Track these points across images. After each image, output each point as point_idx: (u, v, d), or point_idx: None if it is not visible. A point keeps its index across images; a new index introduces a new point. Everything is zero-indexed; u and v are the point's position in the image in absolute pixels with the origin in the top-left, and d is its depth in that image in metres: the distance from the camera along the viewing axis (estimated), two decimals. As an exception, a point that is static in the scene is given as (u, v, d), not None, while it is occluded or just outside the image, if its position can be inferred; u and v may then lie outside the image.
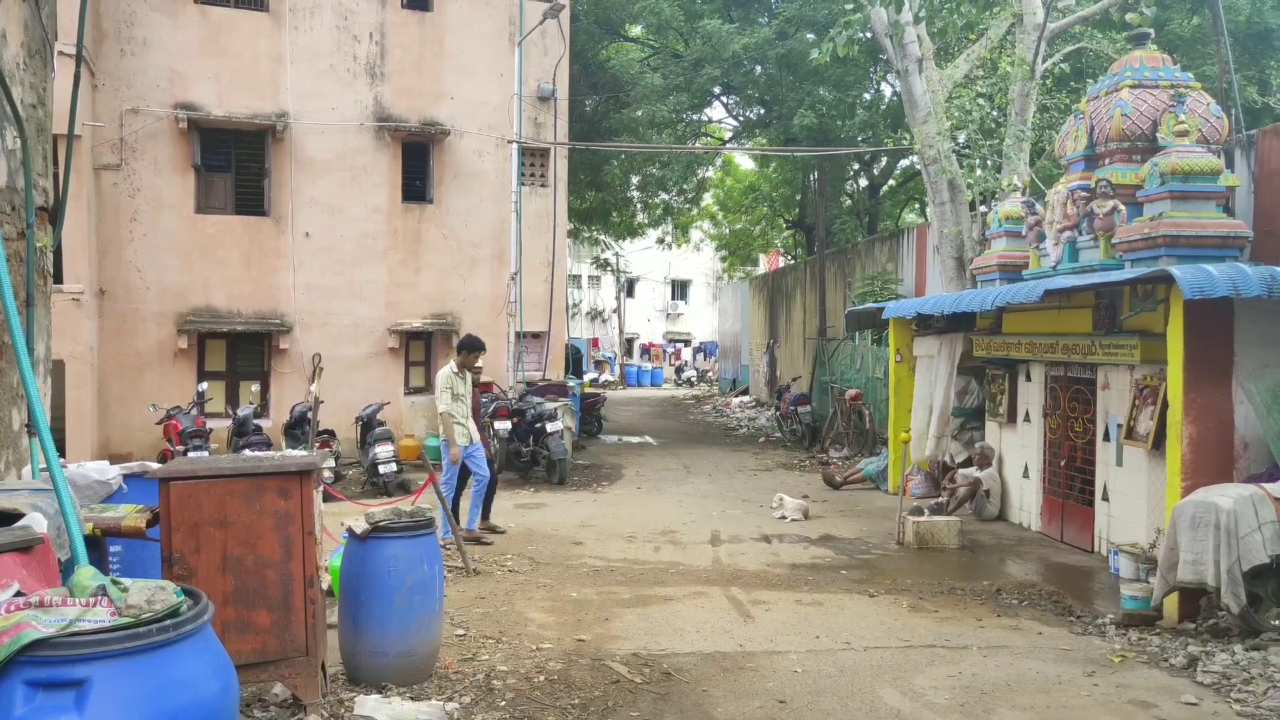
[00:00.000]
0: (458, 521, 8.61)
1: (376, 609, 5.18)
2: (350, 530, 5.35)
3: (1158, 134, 8.49)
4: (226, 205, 14.43)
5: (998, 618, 6.92)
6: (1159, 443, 7.70)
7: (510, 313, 15.51)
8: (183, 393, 13.48)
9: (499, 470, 12.97)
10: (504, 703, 5.06)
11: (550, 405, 13.33)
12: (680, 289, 50.82)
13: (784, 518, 10.60)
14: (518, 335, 15.62)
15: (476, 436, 9.11)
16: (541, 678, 5.46)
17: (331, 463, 12.04)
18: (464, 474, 9.20)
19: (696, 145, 23.44)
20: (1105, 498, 8.71)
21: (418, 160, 15.24)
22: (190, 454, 10.49)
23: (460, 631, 6.28)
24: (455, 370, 8.88)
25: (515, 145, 15.44)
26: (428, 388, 15.43)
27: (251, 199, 14.52)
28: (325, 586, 5.77)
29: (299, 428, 12.31)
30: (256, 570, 4.55)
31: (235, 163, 14.47)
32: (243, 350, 14.60)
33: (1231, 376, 6.95)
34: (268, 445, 11.50)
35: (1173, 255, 7.71)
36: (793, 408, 18.08)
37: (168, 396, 13.21)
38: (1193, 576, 6.15)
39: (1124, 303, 8.47)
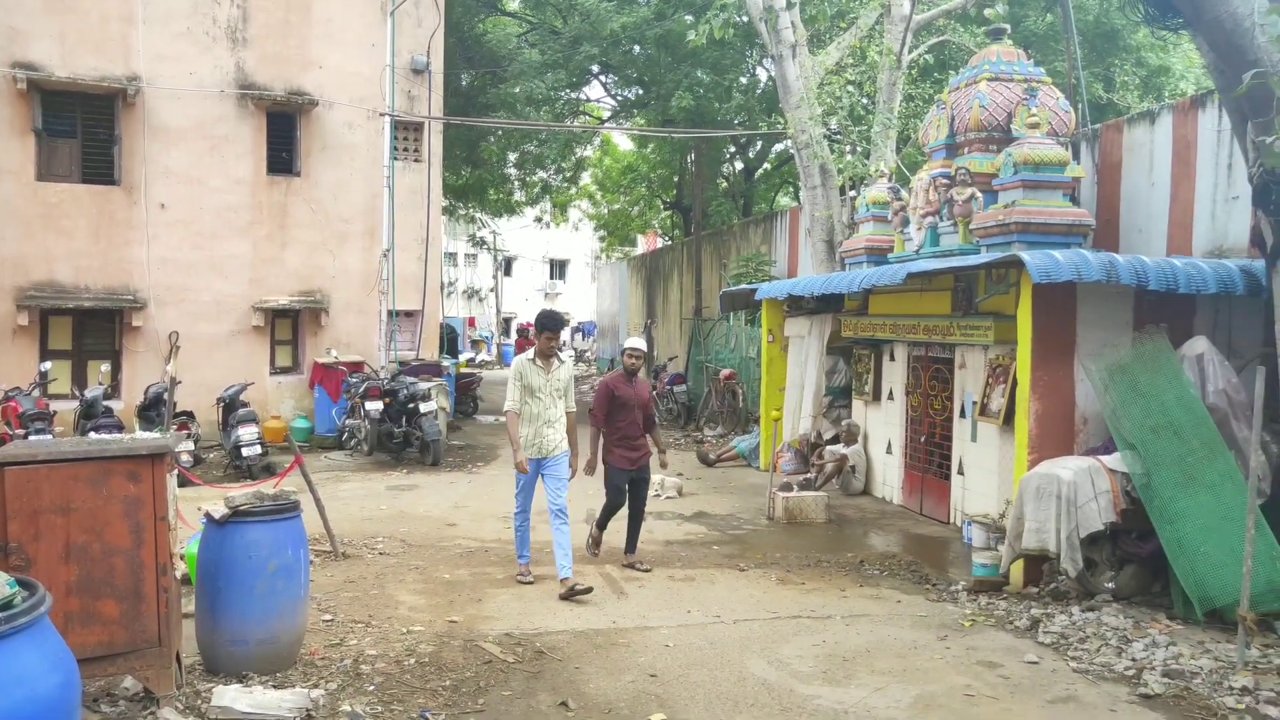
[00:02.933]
0: (522, 556, 7.26)
1: (236, 596, 4.99)
2: (208, 515, 5.13)
3: (1012, 125, 8.92)
4: (72, 173, 13.52)
5: (860, 588, 7.20)
6: (1009, 419, 8.13)
7: (382, 290, 15.11)
8: (23, 373, 12.60)
9: (369, 452, 12.71)
10: (372, 687, 4.96)
11: (424, 385, 13.08)
12: (559, 268, 50.62)
13: (659, 495, 10.72)
14: (390, 314, 15.24)
15: (557, 445, 7.07)
16: (412, 660, 5.38)
17: (190, 445, 11.50)
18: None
19: (574, 124, 23.31)
20: (961, 472, 9.15)
21: (284, 131, 14.62)
22: (31, 437, 9.83)
23: (328, 617, 6.12)
24: (531, 358, 7.13)
25: (387, 118, 15.01)
26: (295, 367, 14.92)
27: (100, 167, 13.64)
28: (181, 574, 5.53)
29: (154, 409, 11.69)
30: (104, 559, 4.32)
31: (82, 128, 13.55)
32: (91, 328, 13.74)
33: (1074, 356, 7.39)
34: (119, 428, 10.87)
35: (1024, 241, 8.13)
36: (669, 387, 18.29)
37: (6, 376, 12.32)
38: (1036, 544, 6.54)
39: (980, 286, 8.89)
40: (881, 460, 10.75)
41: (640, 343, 7.81)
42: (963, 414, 9.16)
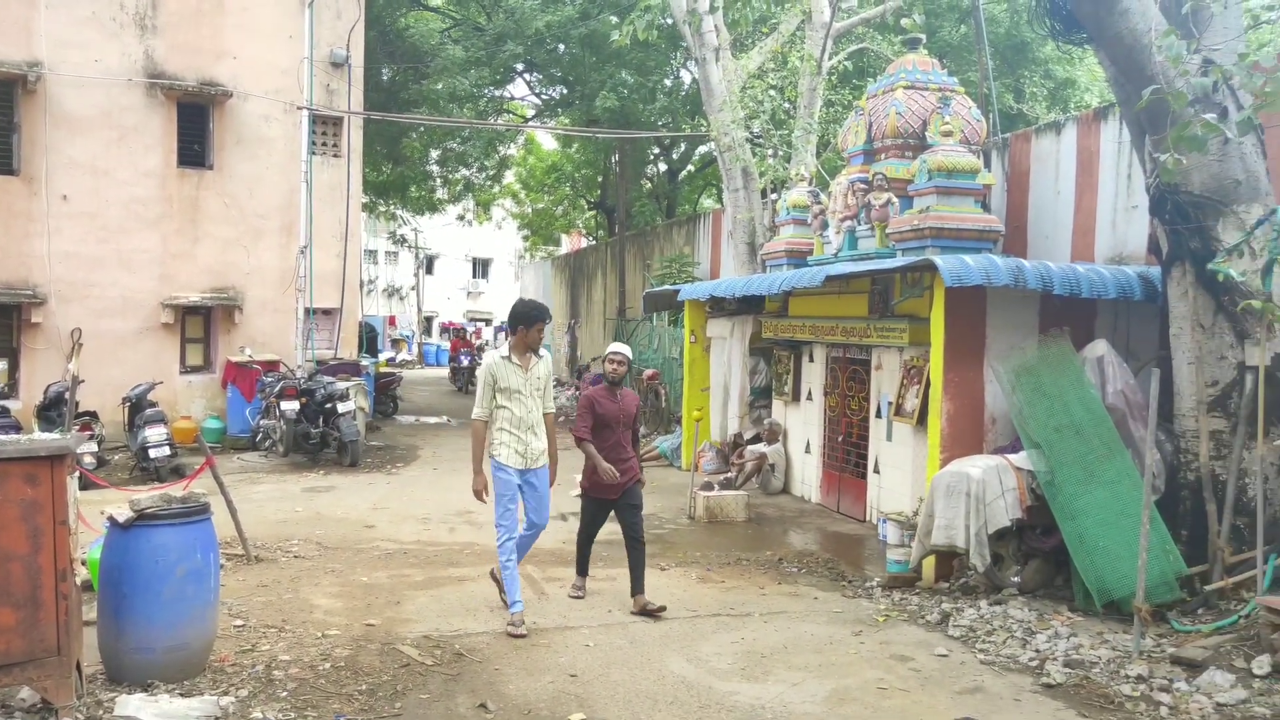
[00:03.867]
0: (501, 588, 6.25)
1: (142, 602, 4.83)
2: (112, 519, 4.95)
3: (927, 133, 9.16)
4: (-34, 161, 12.91)
5: (779, 585, 7.31)
6: (923, 419, 8.35)
7: (299, 288, 14.76)
8: (-88, 371, 11.98)
9: (285, 453, 12.41)
10: (285, 693, 4.85)
11: (342, 385, 12.83)
12: (482, 267, 50.17)
13: (578, 495, 10.70)
14: (307, 312, 14.90)
15: (542, 452, 6.17)
16: (327, 665, 5.28)
17: (93, 447, 11.08)
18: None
19: (498, 122, 23.13)
20: (876, 470, 9.37)
21: (196, 123, 14.18)
22: (-79, 439, 9.34)
23: (239, 622, 5.96)
24: (505, 355, 6.09)
25: (305, 112, 14.67)
26: (207, 366, 14.49)
27: (-2, 156, 13.06)
28: (83, 580, 5.32)
29: (54, 409, 11.22)
30: (-2, 565, 4.13)
31: (-23, 114, 12.96)
32: (-13, 324, 13.14)
33: (984, 358, 7.63)
34: (17, 429, 10.42)
35: (937, 246, 8.36)
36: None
37: (-107, 375, 11.70)
38: (944, 540, 6.73)
39: (896, 289, 9.11)
40: (800, 459, 10.94)
41: (625, 348, 6.72)
42: (878, 414, 9.38)
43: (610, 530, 9.04)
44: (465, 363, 25.34)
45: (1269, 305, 5.84)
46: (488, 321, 43.58)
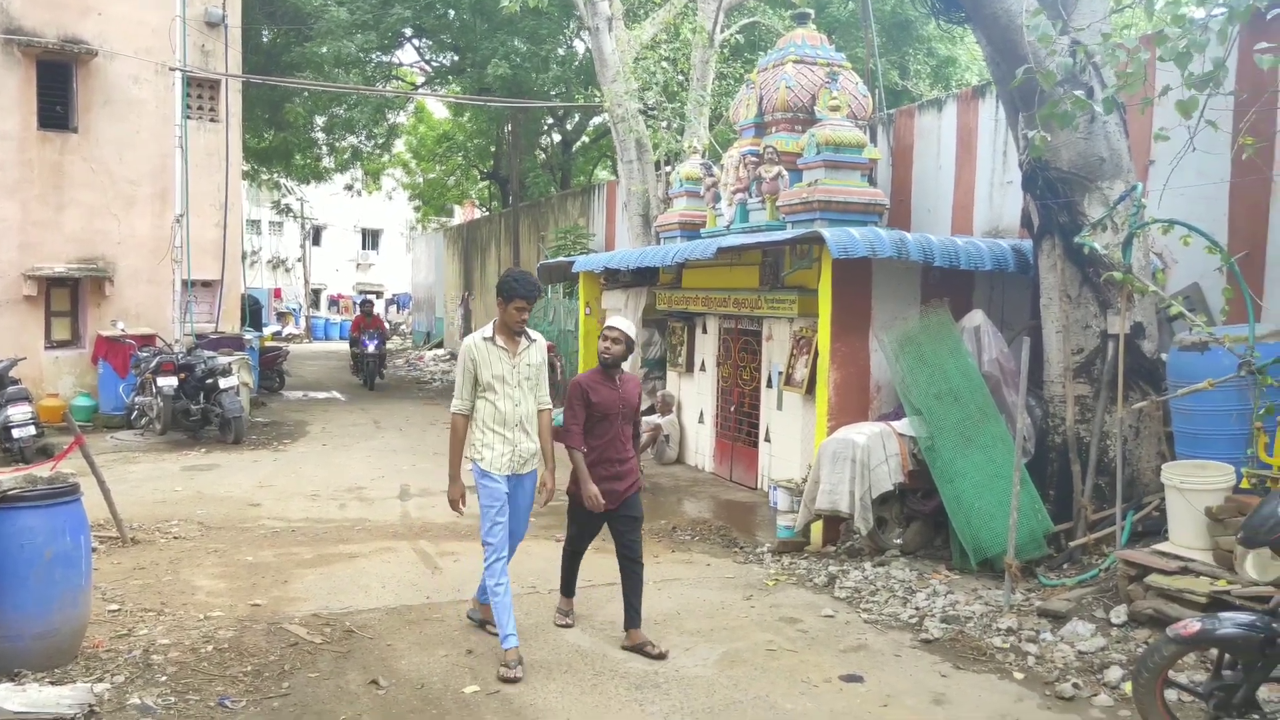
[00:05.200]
0: (507, 637, 4.98)
1: (8, 588, 4.59)
2: (-31, 502, 4.66)
3: (815, 107, 9.31)
4: None
5: (672, 553, 7.42)
6: (811, 388, 8.55)
7: (175, 258, 14.11)
8: None
9: (163, 431, 11.92)
10: (165, 677, 4.69)
11: (223, 360, 12.37)
12: (371, 238, 48.93)
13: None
14: (185, 284, 14.26)
15: (533, 455, 5.19)
16: (210, 648, 5.12)
17: (-50, 428, 10.39)
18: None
19: (386, 88, 22.49)
20: (768, 439, 9.57)
21: (59, 83, 13.32)
22: None
23: (114, 607, 5.72)
24: (489, 336, 5.10)
25: (179, 73, 13.95)
26: (76, 341, 13.73)
27: None
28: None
29: (-94, 388, 10.48)
30: None
31: None
32: None
33: (869, 328, 7.86)
34: None
35: (825, 219, 8.53)
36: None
37: None
38: (828, 504, 6.95)
39: (786, 261, 9.28)
40: (694, 429, 11.09)
41: (625, 322, 5.42)
42: (769, 384, 9.57)
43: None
44: (372, 348, 18.79)
45: (1129, 277, 6.18)
46: (378, 294, 42.54)
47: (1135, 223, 6.40)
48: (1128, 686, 4.57)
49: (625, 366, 5.55)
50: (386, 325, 23.98)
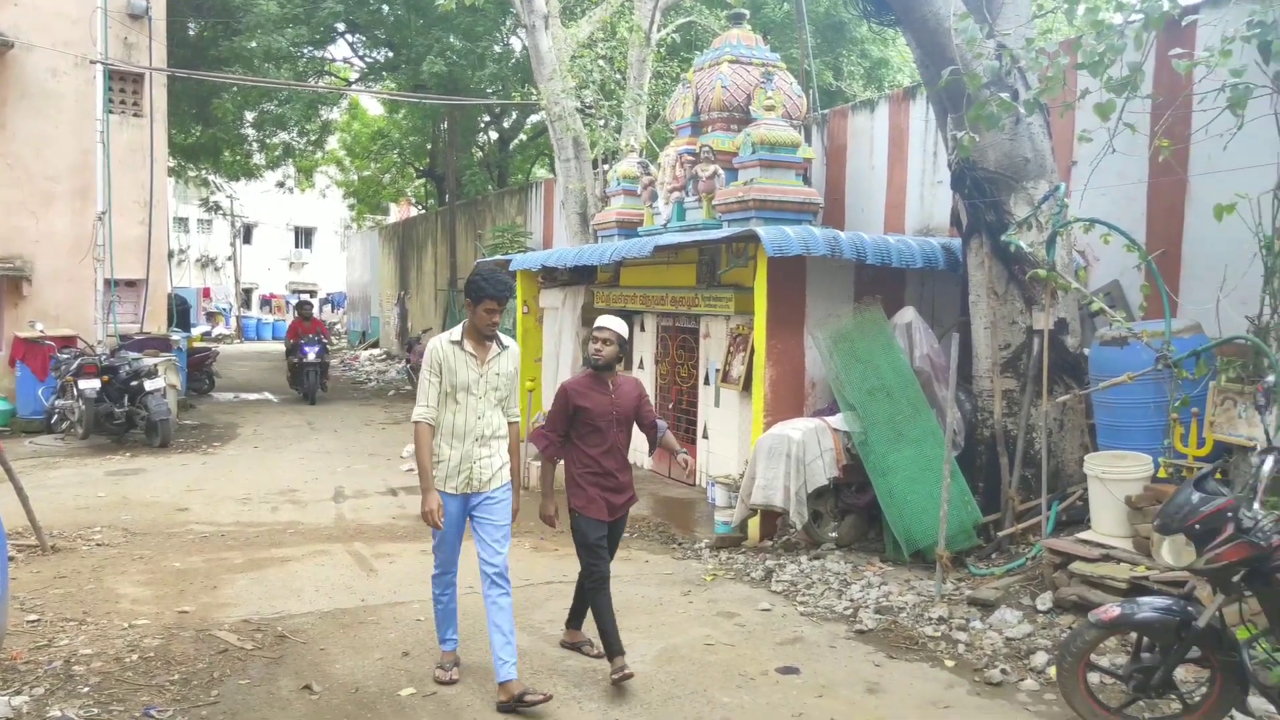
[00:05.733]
0: (445, 640, 4.93)
1: (-84, 601, 4.39)
2: (-125, 511, 4.47)
3: (751, 107, 9.39)
4: None
5: (611, 550, 7.42)
6: (748, 385, 8.63)
7: (98, 257, 13.68)
8: None
9: (85, 435, 11.55)
10: (87, 689, 4.55)
11: (149, 361, 12.04)
12: (305, 237, 48.04)
13: (412, 470, 10.51)
14: (108, 283, 13.83)
15: (495, 474, 4.73)
16: (135, 657, 4.98)
17: None
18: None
19: (319, 84, 22.09)
20: (705, 435, 9.63)
21: (-30, 73, 12.84)
22: None
23: (33, 617, 5.53)
24: (457, 340, 4.66)
25: (100, 66, 13.53)
26: (-9, 343, 13.23)
27: None
28: None
29: None
30: None
31: None
32: None
33: (804, 325, 7.95)
34: None
35: (761, 218, 8.61)
36: (422, 360, 17.89)
37: None
38: (762, 499, 7.03)
39: (722, 259, 9.35)
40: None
41: (616, 321, 4.99)
42: (706, 381, 9.63)
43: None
44: (312, 355, 16.43)
45: (1053, 274, 6.36)
46: (312, 293, 41.79)
47: (1058, 222, 6.59)
48: (1053, 671, 4.71)
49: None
50: (328, 328, 21.24)
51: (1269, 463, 3.79)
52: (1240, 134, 5.40)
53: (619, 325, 4.97)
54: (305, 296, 28.88)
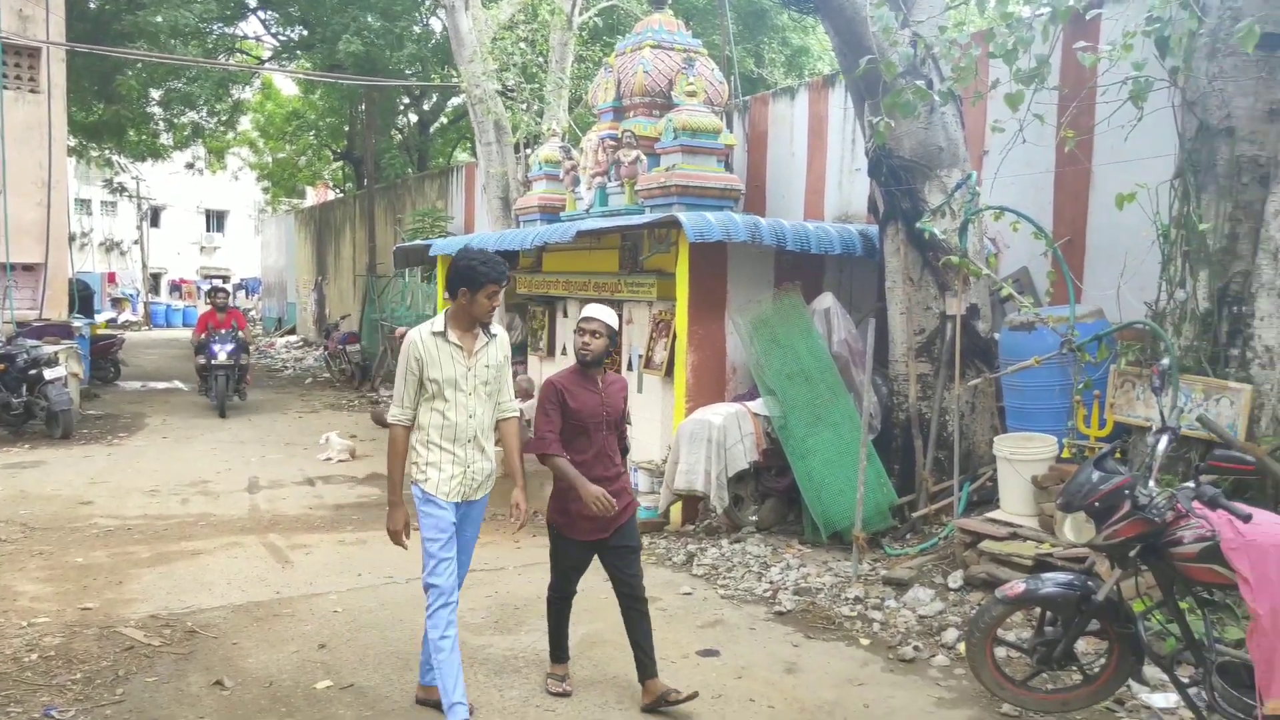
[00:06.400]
0: (449, 691, 4.01)
1: None
2: None
3: (673, 92, 9.39)
4: None
5: (534, 538, 7.34)
6: (670, 370, 8.66)
7: (-8, 240, 13.04)
8: None
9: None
10: (-19, 691, 4.36)
11: (49, 349, 11.55)
12: (217, 220, 46.58)
13: (330, 459, 10.32)
14: (3, 267, 13.20)
15: (489, 478, 4.36)
16: (34, 656, 4.79)
17: None
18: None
19: (230, 62, 21.36)
20: (629, 422, 9.62)
21: None
22: None
23: (-78, 618, 5.27)
24: (440, 330, 4.15)
25: (-8, 38, 12.86)
26: (-125, 330, 12.51)
27: None
28: None
29: None
30: None
31: None
32: None
33: (725, 311, 8.01)
34: None
35: (683, 203, 8.62)
36: (341, 346, 17.55)
37: None
38: (685, 484, 7.08)
39: (645, 245, 9.34)
40: (556, 414, 11.03)
41: (605, 311, 4.50)
42: (630, 367, 9.63)
43: (363, 492, 8.81)
44: (224, 356, 13.47)
45: (965, 261, 6.52)
46: (225, 279, 40.53)
47: (970, 209, 6.75)
48: (962, 647, 4.84)
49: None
50: (247, 319, 17.45)
51: (1163, 442, 3.95)
52: (1140, 125, 5.59)
53: (609, 315, 4.46)
54: (219, 282, 27.90)
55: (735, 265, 8.05)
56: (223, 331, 13.76)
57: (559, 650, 4.65)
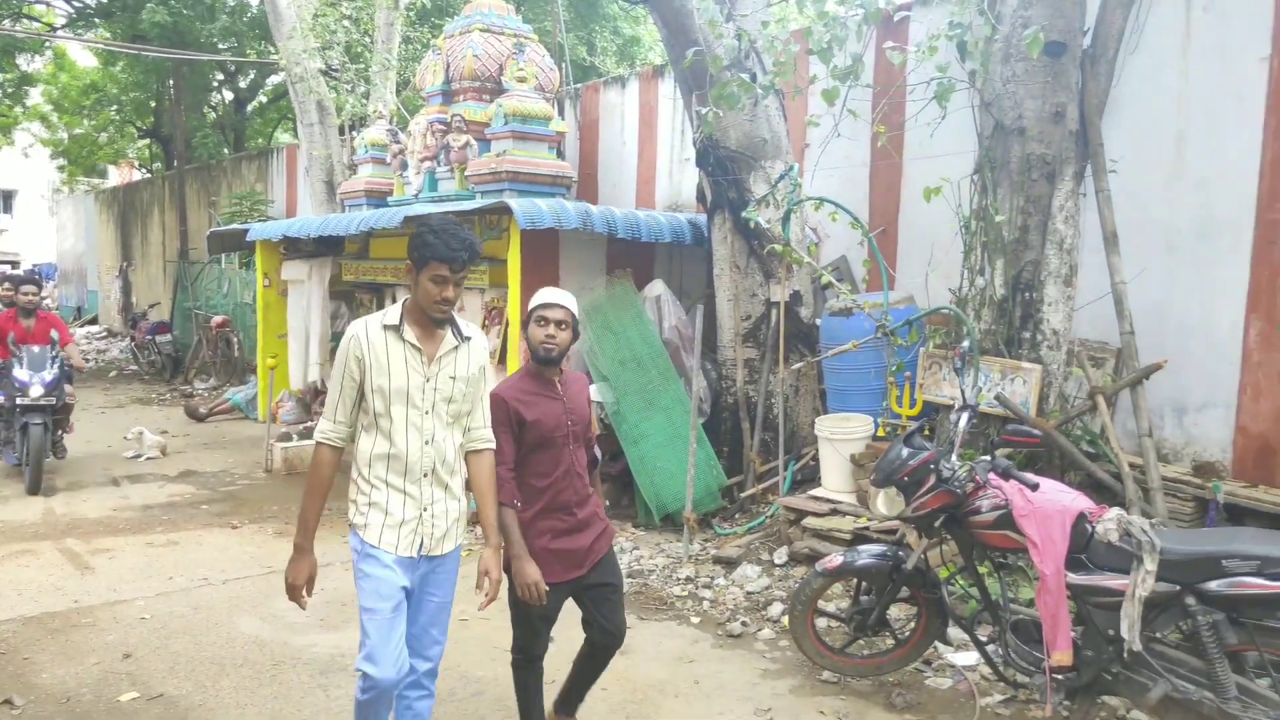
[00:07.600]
0: None
1: None
2: None
3: (503, 78, 9.28)
4: None
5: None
6: (504, 357, 8.58)
7: None
8: None
9: None
10: None
11: None
12: (4, 200, 42.58)
13: (139, 456, 9.67)
14: None
15: (450, 528, 3.32)
16: None
17: None
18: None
19: (15, 28, 19.52)
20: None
21: None
22: None
23: None
24: (393, 323, 3.20)
25: None
26: None
27: None
28: None
29: None
30: None
31: None
32: None
33: (558, 298, 8.00)
34: None
35: (514, 190, 8.55)
36: (150, 337, 16.43)
37: None
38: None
39: (476, 231, 9.17)
40: (386, 404, 10.73)
41: (565, 295, 3.69)
42: (462, 355, 9.48)
43: (175, 491, 8.28)
44: (39, 392, 8.36)
45: (787, 249, 6.78)
46: (15, 264, 37.05)
47: (792, 200, 7.01)
48: (786, 619, 5.05)
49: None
50: (67, 326, 10.61)
51: (964, 419, 4.24)
52: (945, 124, 5.95)
53: (571, 301, 3.64)
54: (17, 269, 25.45)
55: (567, 253, 8.05)
56: (34, 349, 8.63)
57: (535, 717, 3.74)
